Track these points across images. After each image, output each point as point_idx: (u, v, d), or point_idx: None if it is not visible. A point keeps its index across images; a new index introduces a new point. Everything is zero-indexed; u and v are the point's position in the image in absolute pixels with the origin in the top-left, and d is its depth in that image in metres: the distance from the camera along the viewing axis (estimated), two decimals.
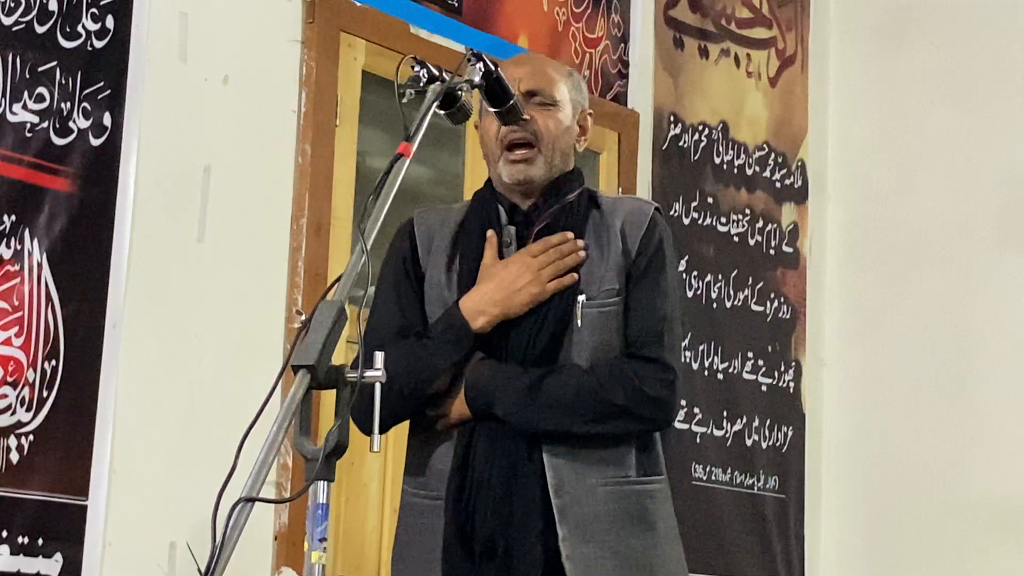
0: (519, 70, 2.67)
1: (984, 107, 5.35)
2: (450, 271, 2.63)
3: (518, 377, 2.53)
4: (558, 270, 2.56)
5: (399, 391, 2.51)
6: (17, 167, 3.43)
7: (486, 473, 2.52)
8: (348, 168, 4.03)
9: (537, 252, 2.57)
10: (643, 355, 2.57)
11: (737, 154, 5.28)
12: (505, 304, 2.54)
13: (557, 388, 2.52)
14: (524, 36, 4.57)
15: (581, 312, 2.56)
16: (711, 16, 5.25)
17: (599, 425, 2.53)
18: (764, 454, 5.22)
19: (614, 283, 2.59)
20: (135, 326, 3.48)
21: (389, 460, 4.06)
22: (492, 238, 2.62)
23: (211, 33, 3.72)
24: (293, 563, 3.67)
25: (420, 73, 2.38)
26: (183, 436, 3.55)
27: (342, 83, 4.02)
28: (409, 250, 2.67)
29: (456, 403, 2.55)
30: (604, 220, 2.65)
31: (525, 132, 2.62)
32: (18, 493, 3.36)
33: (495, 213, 2.65)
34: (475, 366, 2.55)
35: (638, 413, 2.54)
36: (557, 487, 2.51)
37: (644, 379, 2.54)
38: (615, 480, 2.55)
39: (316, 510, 1.95)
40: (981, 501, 5.13)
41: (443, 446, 2.58)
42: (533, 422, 2.51)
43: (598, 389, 2.52)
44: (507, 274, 2.55)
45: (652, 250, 2.63)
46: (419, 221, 2.72)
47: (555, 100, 2.67)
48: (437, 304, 2.61)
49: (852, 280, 5.55)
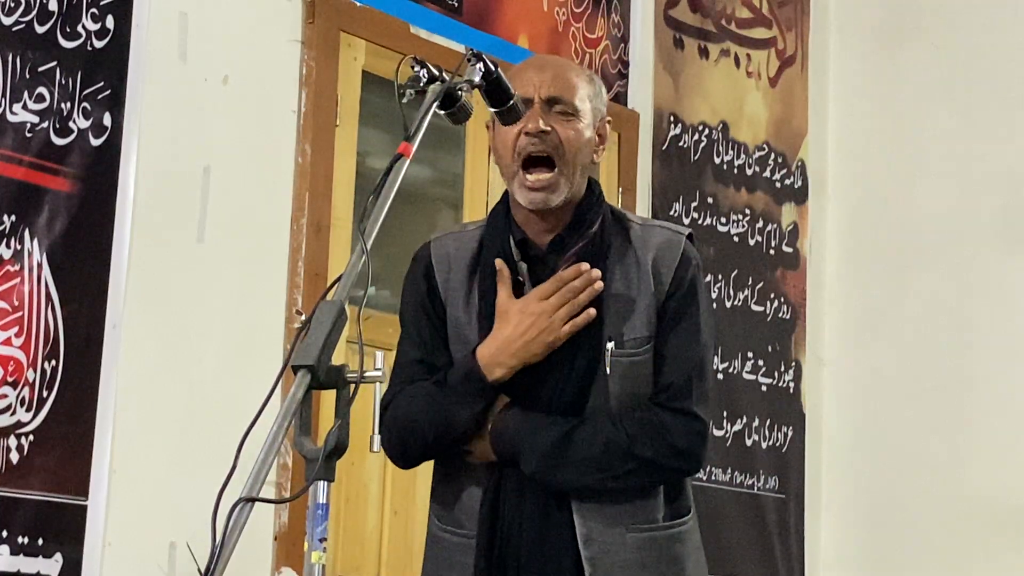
0: (540, 75, 2.54)
1: (984, 107, 5.35)
2: (468, 307, 2.54)
3: (544, 430, 2.45)
4: (573, 310, 2.45)
5: (423, 437, 2.49)
6: (17, 167, 3.43)
7: (516, 520, 2.46)
8: (348, 168, 4.03)
9: (549, 292, 2.46)
10: (673, 406, 2.49)
11: (737, 154, 5.28)
12: (521, 355, 2.45)
13: (584, 444, 2.44)
14: (524, 36, 4.57)
15: (610, 361, 2.47)
16: (711, 16, 5.25)
17: (626, 479, 2.47)
18: (764, 454, 5.22)
19: (644, 330, 2.49)
20: (135, 326, 3.48)
21: (389, 460, 4.05)
22: (503, 272, 2.50)
23: (211, 33, 3.72)
24: (293, 563, 3.67)
25: (420, 73, 2.37)
26: (183, 436, 3.55)
27: (342, 83, 4.02)
28: (426, 283, 2.58)
29: (481, 445, 2.48)
30: (634, 253, 2.53)
31: (545, 145, 2.49)
32: (18, 493, 3.36)
33: (508, 246, 2.53)
34: (500, 415, 2.47)
35: (666, 466, 2.48)
36: (586, 538, 2.45)
37: (674, 432, 2.47)
38: (644, 527, 2.50)
39: (316, 510, 1.94)
40: (981, 501, 5.13)
41: (471, 483, 2.52)
42: (559, 481, 2.45)
43: (627, 444, 2.44)
44: (521, 322, 2.45)
45: (685, 289, 2.52)
46: (436, 250, 2.61)
47: (577, 109, 2.53)
48: (459, 343, 2.53)
49: (852, 280, 5.55)
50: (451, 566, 2.52)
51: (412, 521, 4.11)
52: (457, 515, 2.53)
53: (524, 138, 2.50)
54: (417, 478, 4.11)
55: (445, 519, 2.56)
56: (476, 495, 2.51)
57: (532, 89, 2.52)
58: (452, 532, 2.53)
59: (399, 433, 2.51)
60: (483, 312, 2.52)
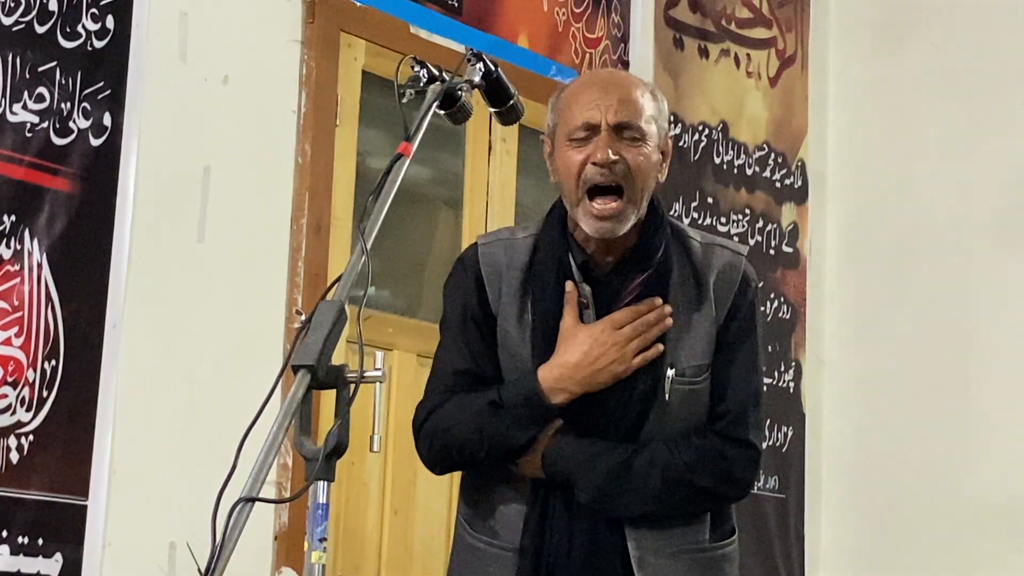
0: (606, 98, 2.43)
1: (984, 107, 5.35)
2: (521, 322, 2.47)
3: (601, 457, 2.41)
4: (645, 343, 2.41)
5: (473, 454, 2.44)
6: (17, 167, 3.43)
7: (565, 539, 2.43)
8: (348, 168, 4.03)
9: (622, 323, 2.41)
10: (731, 435, 2.47)
11: (737, 154, 5.28)
12: (588, 383, 2.41)
13: (642, 473, 2.41)
14: (524, 36, 4.57)
15: (670, 388, 2.43)
16: (711, 16, 5.25)
17: (682, 506, 2.46)
18: (764, 454, 5.22)
19: (704, 357, 2.46)
20: (135, 326, 3.48)
21: (389, 460, 4.06)
22: (572, 295, 2.44)
23: (211, 33, 3.72)
24: (293, 563, 3.67)
25: (420, 73, 2.37)
26: (183, 436, 3.55)
27: (342, 83, 4.02)
28: (476, 292, 2.50)
29: (530, 465, 2.44)
30: (695, 275, 2.49)
31: (614, 176, 2.39)
32: (18, 493, 3.36)
33: (567, 266, 2.46)
34: (555, 439, 2.43)
35: (723, 495, 2.48)
36: (640, 560, 2.43)
37: (733, 462, 2.46)
38: (694, 547, 2.48)
39: (316, 510, 1.95)
40: (981, 501, 5.13)
41: (512, 495, 2.48)
42: (617, 508, 2.42)
43: (686, 473, 2.42)
44: (591, 350, 2.40)
45: (744, 315, 2.50)
46: (485, 258, 2.52)
47: (644, 133, 2.43)
48: (508, 356, 2.48)
49: (852, 280, 5.55)
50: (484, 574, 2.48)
51: (412, 521, 4.11)
52: (492, 525, 2.50)
53: (592, 168, 2.40)
54: (417, 478, 4.11)
55: (479, 528, 2.51)
56: (517, 509, 2.47)
57: (599, 114, 2.42)
58: (488, 543, 2.49)
59: (444, 444, 2.47)
60: (537, 328, 2.47)
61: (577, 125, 2.43)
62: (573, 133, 2.44)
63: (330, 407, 1.99)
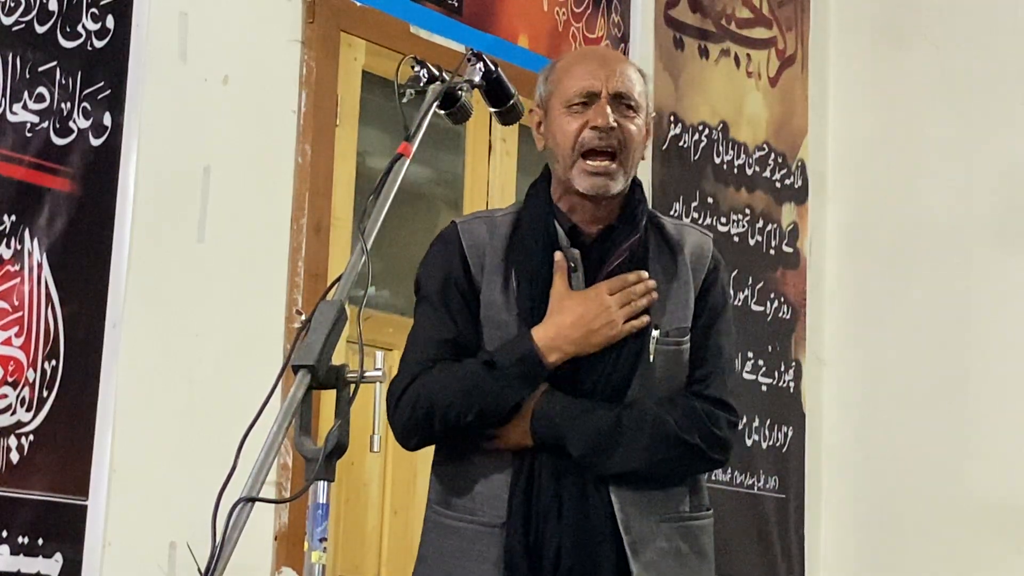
0: (605, 69, 2.54)
1: (984, 107, 5.35)
2: (507, 290, 2.52)
3: (592, 415, 2.47)
4: (634, 311, 2.49)
5: (457, 417, 2.46)
6: (17, 167, 3.43)
7: (554, 505, 2.46)
8: (348, 168, 4.03)
9: (615, 290, 2.49)
10: (710, 396, 2.55)
11: (737, 154, 5.28)
12: (581, 343, 2.47)
13: (633, 429, 2.47)
14: (524, 36, 4.57)
15: (655, 348, 2.52)
16: (711, 16, 5.25)
17: (672, 464, 2.52)
18: (764, 454, 5.22)
19: (685, 321, 2.55)
20: (135, 326, 3.48)
21: (389, 460, 4.06)
22: (561, 262, 2.51)
23: (211, 33, 3.72)
24: (293, 563, 3.67)
25: (420, 73, 2.37)
26: (183, 436, 3.55)
27: (342, 83, 4.02)
28: (460, 263, 2.54)
29: (516, 432, 2.48)
30: (670, 249, 2.59)
31: (611, 140, 2.50)
32: (18, 493, 3.36)
33: (554, 233, 2.54)
34: (544, 400, 2.48)
35: (710, 455, 2.53)
36: (626, 524, 2.48)
37: (715, 421, 2.53)
38: (674, 516, 2.54)
39: (316, 510, 1.95)
40: (981, 501, 5.13)
41: (491, 471, 2.50)
42: (608, 465, 2.47)
43: (674, 430, 2.49)
44: (586, 312, 2.47)
45: (718, 288, 2.61)
46: (465, 232, 2.57)
47: (638, 105, 2.56)
48: (492, 326, 2.52)
49: (852, 280, 5.55)
50: (464, 554, 2.49)
51: (412, 521, 4.11)
52: (471, 503, 2.51)
53: (590, 132, 2.50)
54: (417, 478, 4.11)
55: (455, 507, 2.52)
56: (500, 482, 2.49)
57: (599, 83, 2.52)
58: (468, 520, 2.50)
59: (427, 410, 2.47)
60: (522, 295, 2.52)
61: (576, 92, 2.52)
62: (572, 100, 2.53)
63: (330, 407, 1.99)
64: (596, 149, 2.50)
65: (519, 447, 2.48)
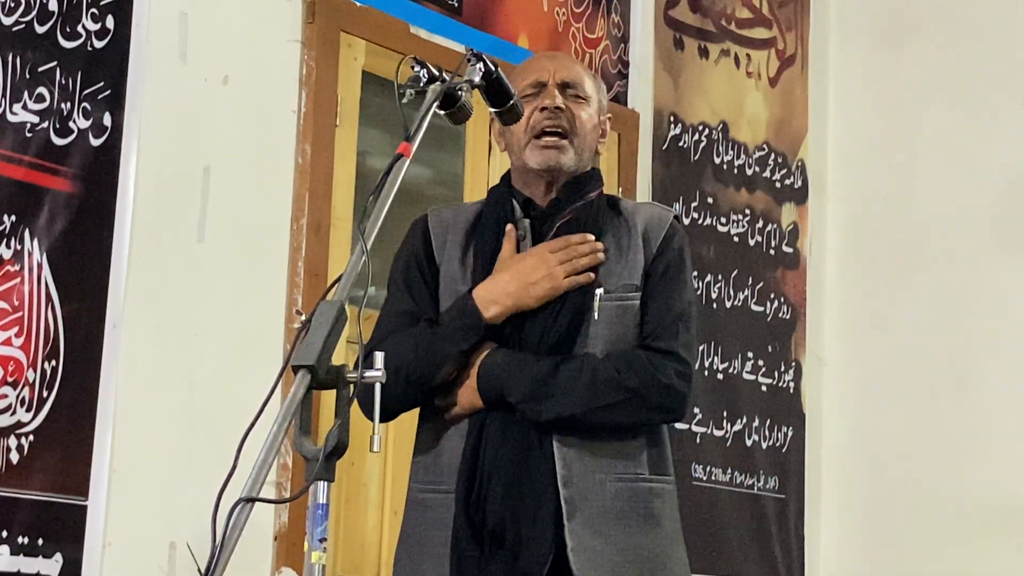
0: (552, 63, 2.72)
1: (984, 107, 5.35)
2: (464, 264, 2.64)
3: (532, 364, 2.53)
4: (575, 268, 2.56)
5: (406, 377, 2.53)
6: (17, 167, 3.43)
7: (496, 463, 2.51)
8: (348, 168, 4.03)
9: (556, 248, 2.57)
10: (658, 347, 2.58)
11: (737, 154, 5.28)
12: (519, 296, 2.55)
13: (572, 374, 2.51)
14: (524, 36, 4.57)
15: (599, 305, 2.57)
16: (711, 16, 5.25)
17: (612, 412, 2.53)
18: (764, 454, 5.22)
19: (634, 279, 2.60)
20: (135, 326, 3.49)
21: (389, 460, 4.06)
22: (511, 232, 2.62)
23: (211, 33, 3.72)
24: (293, 563, 3.68)
25: (420, 73, 2.38)
26: (183, 436, 3.55)
27: (342, 83, 4.02)
28: (422, 245, 2.68)
29: (467, 391, 2.55)
30: (625, 222, 2.66)
31: (559, 120, 2.64)
32: (18, 493, 3.36)
33: (510, 207, 2.66)
34: (488, 355, 2.55)
35: (653, 401, 2.54)
36: (566, 479, 2.50)
37: (659, 368, 2.55)
38: (624, 476, 2.55)
39: (316, 510, 1.95)
40: (981, 501, 5.13)
41: (453, 440, 2.57)
42: (546, 409, 2.51)
43: (614, 375, 2.52)
44: (523, 267, 2.56)
45: (672, 253, 2.64)
46: (433, 218, 2.72)
47: (587, 95, 2.69)
48: (450, 297, 2.61)
49: (852, 280, 5.55)
50: (433, 524, 2.55)
51: None
52: (436, 474, 2.58)
53: (540, 114, 2.64)
54: None
55: (425, 479, 2.60)
56: (458, 451, 2.55)
57: (547, 74, 2.68)
58: (434, 490, 2.57)
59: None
60: (478, 267, 2.61)
61: (527, 84, 2.68)
62: (524, 91, 2.66)
63: (330, 407, 1.99)
64: (546, 129, 2.63)
65: (473, 408, 2.55)
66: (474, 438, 2.54)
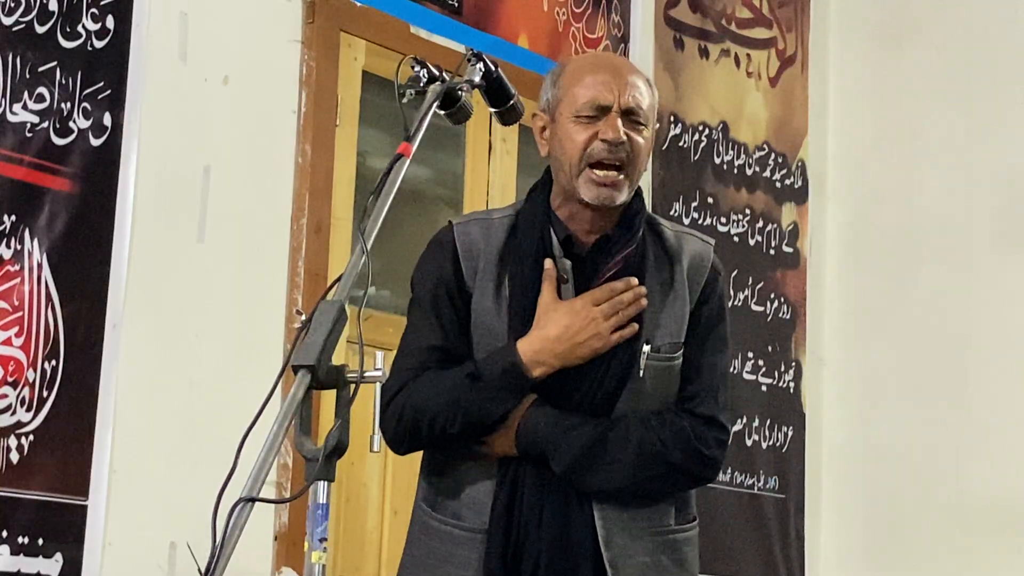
0: (616, 81, 2.52)
1: (984, 107, 5.35)
2: (498, 298, 2.50)
3: (577, 430, 2.44)
4: (621, 321, 2.45)
5: (442, 428, 2.45)
6: (17, 167, 3.43)
7: (534, 517, 2.45)
8: (348, 168, 4.03)
9: (601, 300, 2.45)
10: (701, 413, 2.51)
11: (737, 154, 5.28)
12: (567, 356, 2.44)
13: (618, 447, 2.44)
14: (524, 36, 4.57)
15: (644, 363, 2.48)
16: (711, 16, 5.25)
17: (654, 483, 2.49)
18: (764, 454, 5.22)
19: (678, 335, 2.51)
20: (135, 326, 3.49)
21: (389, 460, 4.06)
22: (550, 271, 2.48)
23: (211, 33, 3.72)
24: (293, 563, 3.68)
25: (420, 73, 2.37)
26: (183, 436, 3.55)
27: (342, 83, 4.02)
28: (452, 268, 2.52)
29: (503, 440, 2.46)
30: (668, 259, 2.55)
31: (620, 153, 2.48)
32: (18, 493, 3.37)
33: (549, 241, 2.51)
34: (531, 411, 2.46)
35: (693, 473, 2.51)
36: (607, 539, 2.46)
37: (702, 439, 2.49)
38: (660, 529, 2.52)
39: (316, 510, 1.95)
40: (981, 501, 5.13)
41: (479, 477, 2.50)
42: (591, 482, 2.45)
43: (659, 449, 2.46)
44: (571, 324, 2.44)
45: (715, 300, 2.56)
46: (460, 235, 2.54)
47: (647, 119, 2.55)
48: (483, 331, 2.50)
49: (852, 280, 5.55)
50: (448, 558, 2.49)
51: None
52: (457, 507, 2.51)
53: (600, 144, 2.48)
54: (417, 478, 4.10)
55: (441, 510, 2.53)
56: (485, 489, 2.48)
57: (611, 96, 2.50)
58: (453, 525, 2.50)
59: (414, 419, 2.47)
60: (513, 304, 2.49)
61: (586, 102, 2.49)
62: (581, 110, 2.49)
63: (330, 407, 1.99)
64: (604, 162, 2.47)
65: (505, 455, 2.47)
66: (508, 487, 2.47)
